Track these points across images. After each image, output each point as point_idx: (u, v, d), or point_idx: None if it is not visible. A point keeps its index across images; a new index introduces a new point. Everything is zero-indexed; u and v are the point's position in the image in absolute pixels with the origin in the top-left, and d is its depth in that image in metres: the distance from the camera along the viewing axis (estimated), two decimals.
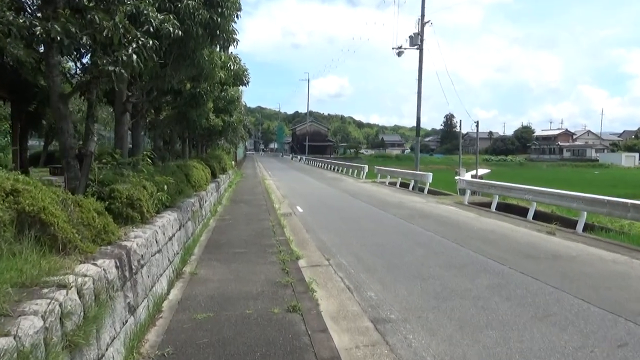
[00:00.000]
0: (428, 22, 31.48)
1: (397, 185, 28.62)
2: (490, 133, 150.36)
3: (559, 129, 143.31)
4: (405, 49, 32.66)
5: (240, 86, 18.43)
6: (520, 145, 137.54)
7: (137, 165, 8.52)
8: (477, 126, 25.15)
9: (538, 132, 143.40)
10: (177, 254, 8.17)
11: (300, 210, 17.34)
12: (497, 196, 17.46)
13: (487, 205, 19.50)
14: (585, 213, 12.79)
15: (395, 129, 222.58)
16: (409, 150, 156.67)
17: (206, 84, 11.09)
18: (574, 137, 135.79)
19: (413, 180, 26.87)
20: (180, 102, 11.40)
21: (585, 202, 12.61)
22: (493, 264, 9.04)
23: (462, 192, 31.32)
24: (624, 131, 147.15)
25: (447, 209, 17.78)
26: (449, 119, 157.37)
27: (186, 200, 10.37)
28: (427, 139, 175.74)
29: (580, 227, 12.72)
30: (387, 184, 30.50)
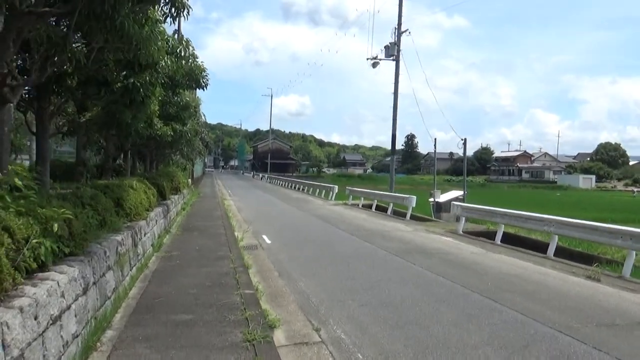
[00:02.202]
0: (406, 31, 29.06)
1: (373, 209, 25.69)
2: (451, 154, 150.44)
3: (517, 150, 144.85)
4: (380, 59, 30.12)
5: (197, 89, 15.21)
6: (480, 166, 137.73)
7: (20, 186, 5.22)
8: (464, 144, 22.63)
9: (497, 154, 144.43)
10: (76, 337, 4.86)
11: (268, 241, 14.13)
12: (503, 226, 14.70)
13: (485, 235, 16.79)
14: (634, 253, 10.11)
15: (356, 148, 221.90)
16: (371, 170, 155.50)
17: (146, 74, 7.90)
18: (532, 158, 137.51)
19: (391, 204, 24.01)
20: (108, 97, 8.11)
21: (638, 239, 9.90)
22: (566, 340, 6.08)
23: (439, 216, 28.72)
24: (579, 153, 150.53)
25: (444, 241, 14.88)
26: (410, 139, 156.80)
27: (109, 238, 7.06)
28: (388, 159, 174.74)
29: (627, 270, 10.02)
30: (360, 206, 27.56)
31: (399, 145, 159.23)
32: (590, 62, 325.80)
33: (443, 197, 30.29)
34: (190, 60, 14.41)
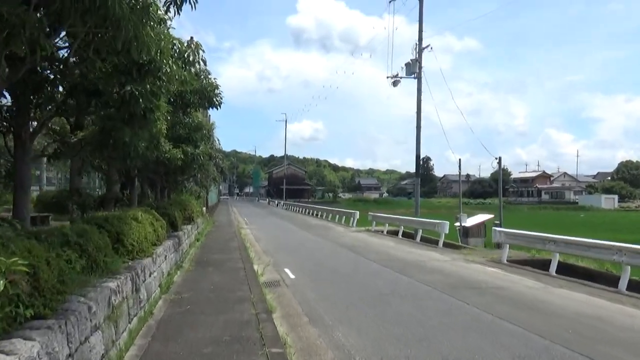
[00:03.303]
0: (427, 47, 27.69)
1: (399, 236, 23.98)
2: (468, 175, 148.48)
3: (535, 171, 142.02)
4: (401, 77, 28.70)
5: (210, 108, 13.86)
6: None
7: None
8: (499, 163, 20.92)
9: (515, 175, 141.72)
10: None
11: (292, 275, 12.53)
12: (557, 255, 12.95)
13: (531, 263, 15.02)
14: None
15: (370, 172, 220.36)
16: (387, 194, 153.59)
17: (147, 81, 6.49)
18: (551, 179, 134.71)
19: (421, 230, 22.27)
20: (100, 110, 6.66)
21: None
22: None
23: (466, 241, 26.84)
24: (598, 172, 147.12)
25: (491, 273, 13.14)
26: (425, 162, 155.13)
27: (99, 286, 5.53)
28: (403, 182, 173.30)
29: None
30: (384, 233, 25.84)
31: (412, 168, 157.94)
32: (604, 80, 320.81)
33: (470, 222, 28.52)
34: (202, 76, 13.13)
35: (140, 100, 6.30)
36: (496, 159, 20.86)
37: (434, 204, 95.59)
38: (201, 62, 7.42)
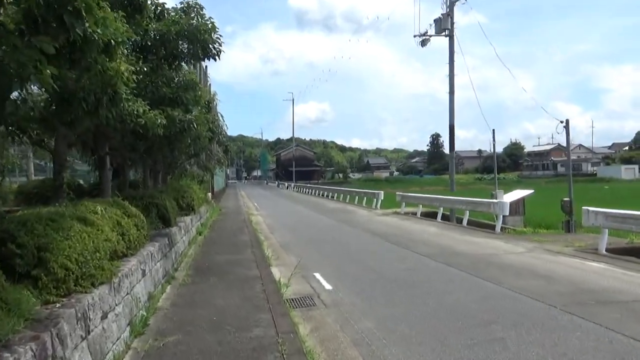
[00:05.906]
0: None
1: (438, 219, 20.30)
2: (480, 151, 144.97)
3: (549, 144, 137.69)
4: (430, 35, 24.84)
5: (205, 59, 10.13)
6: (512, 162, 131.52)
7: None
8: (566, 127, 17.01)
9: (529, 148, 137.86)
10: None
11: (327, 285, 8.94)
12: None
13: (635, 252, 11.37)
14: None
15: (378, 151, 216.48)
16: (397, 173, 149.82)
17: None
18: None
19: (468, 212, 18.58)
20: None
21: None
22: None
23: (503, 220, 23.18)
24: (613, 143, 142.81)
25: (604, 272, 9.44)
26: (435, 139, 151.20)
27: None
28: (413, 160, 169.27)
29: None
30: (418, 215, 22.13)
31: (423, 146, 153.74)
32: (612, 50, 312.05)
33: (507, 198, 24.85)
34: (192, 13, 9.46)
35: None
36: (562, 122, 16.96)
37: (445, 180, 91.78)
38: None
